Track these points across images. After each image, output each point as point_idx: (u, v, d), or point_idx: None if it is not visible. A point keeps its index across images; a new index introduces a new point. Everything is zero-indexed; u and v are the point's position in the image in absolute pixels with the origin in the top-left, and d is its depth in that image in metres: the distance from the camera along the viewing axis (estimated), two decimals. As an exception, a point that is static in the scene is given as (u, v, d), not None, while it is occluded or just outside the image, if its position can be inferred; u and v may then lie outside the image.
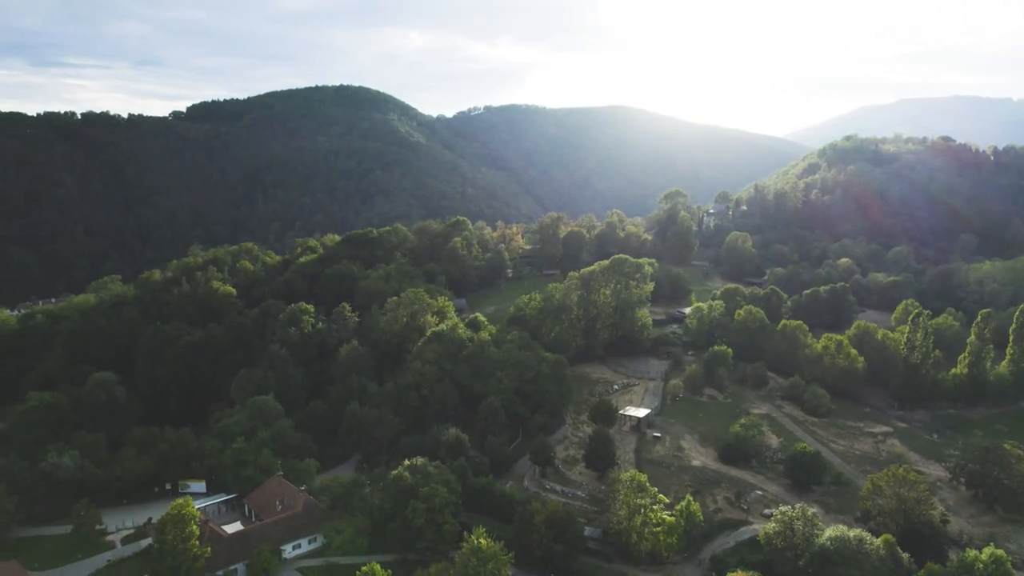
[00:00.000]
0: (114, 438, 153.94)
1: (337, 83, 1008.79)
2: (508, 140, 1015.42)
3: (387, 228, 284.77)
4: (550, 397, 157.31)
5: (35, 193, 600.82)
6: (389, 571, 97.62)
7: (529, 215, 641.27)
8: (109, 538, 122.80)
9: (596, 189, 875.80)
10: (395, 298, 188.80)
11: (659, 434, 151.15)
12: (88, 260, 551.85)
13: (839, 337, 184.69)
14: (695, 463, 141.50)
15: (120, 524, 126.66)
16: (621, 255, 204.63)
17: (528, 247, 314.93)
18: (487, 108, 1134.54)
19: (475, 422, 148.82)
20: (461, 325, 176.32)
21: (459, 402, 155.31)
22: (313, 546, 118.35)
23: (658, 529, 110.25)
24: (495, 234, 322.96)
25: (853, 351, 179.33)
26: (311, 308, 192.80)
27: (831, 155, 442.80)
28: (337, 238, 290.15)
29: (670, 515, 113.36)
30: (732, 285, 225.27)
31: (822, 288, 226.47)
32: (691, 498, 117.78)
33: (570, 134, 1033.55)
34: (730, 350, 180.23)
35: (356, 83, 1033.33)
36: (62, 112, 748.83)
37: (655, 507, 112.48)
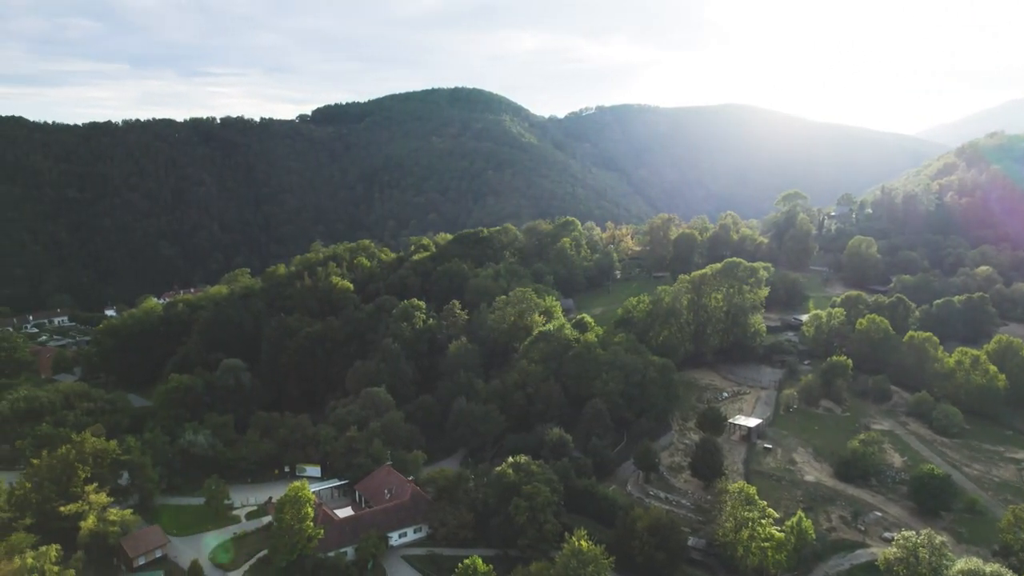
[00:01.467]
0: (240, 420, 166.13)
1: (452, 85, 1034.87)
2: (619, 140, 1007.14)
3: (497, 227, 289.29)
4: (656, 402, 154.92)
5: (180, 192, 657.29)
6: (490, 566, 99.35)
7: (639, 216, 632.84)
8: (235, 513, 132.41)
9: (709, 190, 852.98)
10: (503, 297, 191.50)
11: (770, 445, 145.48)
12: (222, 253, 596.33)
13: (975, 352, 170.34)
14: (808, 478, 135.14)
15: (244, 500, 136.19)
16: (734, 258, 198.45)
17: (637, 248, 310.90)
18: (598, 108, 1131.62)
19: (579, 423, 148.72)
20: (568, 325, 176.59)
21: (564, 402, 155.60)
22: (418, 535, 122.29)
23: (766, 544, 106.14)
24: (604, 235, 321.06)
25: (992, 368, 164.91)
26: (423, 304, 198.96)
27: (971, 154, 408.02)
28: (449, 237, 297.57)
29: (779, 531, 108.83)
30: (854, 292, 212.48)
31: (956, 298, 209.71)
32: (803, 514, 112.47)
33: (683, 133, 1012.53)
34: (850, 361, 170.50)
35: (470, 85, 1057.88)
36: (204, 117, 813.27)
37: (764, 521, 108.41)
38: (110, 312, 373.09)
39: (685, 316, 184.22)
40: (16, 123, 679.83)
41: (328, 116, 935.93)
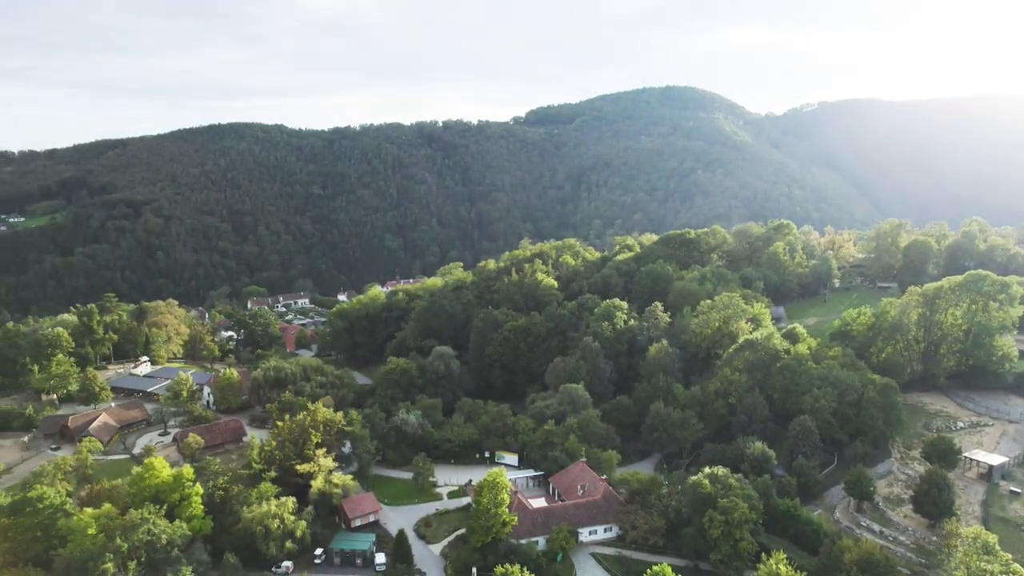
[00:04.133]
0: (447, 404, 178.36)
1: (663, 84, 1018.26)
2: (843, 138, 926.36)
3: (705, 229, 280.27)
4: (874, 424, 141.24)
5: (405, 190, 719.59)
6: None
7: (864, 221, 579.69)
8: (438, 490, 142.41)
9: (950, 192, 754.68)
10: (708, 301, 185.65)
11: (1019, 489, 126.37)
12: (438, 247, 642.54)
13: None
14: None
15: (447, 480, 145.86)
16: (980, 271, 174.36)
17: (860, 256, 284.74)
18: (821, 104, 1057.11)
19: (784, 440, 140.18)
20: (777, 335, 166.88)
21: (768, 416, 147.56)
22: (608, 535, 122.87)
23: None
24: (822, 240, 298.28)
25: None
26: (624, 305, 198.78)
27: None
28: (654, 237, 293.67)
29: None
30: None
31: None
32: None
33: (919, 130, 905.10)
34: None
35: (682, 83, 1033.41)
36: (428, 121, 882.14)
37: None
38: (342, 297, 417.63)
39: (914, 333, 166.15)
40: (278, 130, 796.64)
41: (540, 117, 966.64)
